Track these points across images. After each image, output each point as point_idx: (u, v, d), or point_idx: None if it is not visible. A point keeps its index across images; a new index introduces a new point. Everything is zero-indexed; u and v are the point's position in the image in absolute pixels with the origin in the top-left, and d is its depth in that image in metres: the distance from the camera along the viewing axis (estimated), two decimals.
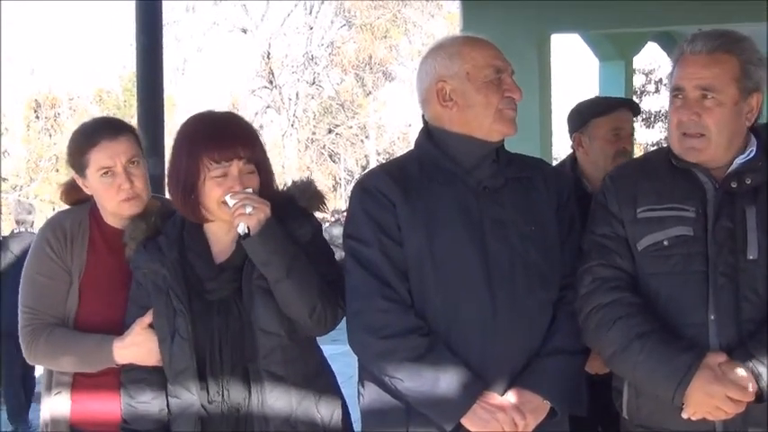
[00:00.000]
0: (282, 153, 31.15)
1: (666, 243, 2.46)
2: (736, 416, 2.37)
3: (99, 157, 2.82)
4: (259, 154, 2.67)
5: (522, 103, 2.65)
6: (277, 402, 2.60)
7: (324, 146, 34.07)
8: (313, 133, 33.87)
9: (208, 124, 2.67)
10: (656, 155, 2.66)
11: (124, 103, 28.27)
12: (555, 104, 8.50)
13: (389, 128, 35.00)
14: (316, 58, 32.79)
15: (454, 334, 2.51)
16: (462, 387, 2.45)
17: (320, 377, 2.73)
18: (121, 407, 2.73)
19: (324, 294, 2.59)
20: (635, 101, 4.06)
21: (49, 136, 28.48)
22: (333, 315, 2.62)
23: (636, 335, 2.42)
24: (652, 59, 27.04)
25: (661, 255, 2.47)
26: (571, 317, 2.56)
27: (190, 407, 2.61)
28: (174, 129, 2.74)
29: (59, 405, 2.86)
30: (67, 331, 2.82)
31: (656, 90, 28.12)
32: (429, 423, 2.48)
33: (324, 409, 2.68)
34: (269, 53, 32.37)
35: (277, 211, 2.61)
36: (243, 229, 2.56)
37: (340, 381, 2.81)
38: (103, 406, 2.79)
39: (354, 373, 2.68)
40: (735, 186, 2.47)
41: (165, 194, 3.24)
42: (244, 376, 2.60)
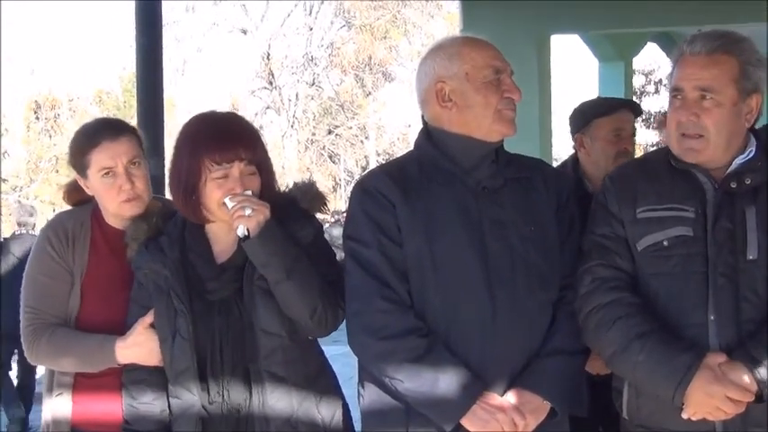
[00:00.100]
0: (282, 154, 31.14)
1: (666, 243, 2.46)
2: (736, 416, 2.38)
3: (100, 158, 2.82)
4: (261, 155, 2.67)
5: (522, 104, 2.65)
6: (278, 403, 2.59)
7: (323, 147, 34.06)
8: (313, 134, 33.86)
9: (210, 125, 2.67)
10: (655, 155, 2.66)
11: (124, 103, 28.25)
12: (555, 105, 8.51)
13: (389, 128, 35.01)
14: (315, 58, 32.80)
15: (454, 334, 2.51)
16: (462, 387, 2.45)
17: (321, 378, 2.73)
18: (123, 407, 2.73)
19: (325, 295, 2.59)
20: (636, 102, 4.06)
21: (49, 137, 28.45)
22: (334, 316, 2.62)
23: (636, 335, 2.42)
24: (652, 60, 27.07)
25: (661, 255, 2.47)
26: (571, 317, 2.56)
27: (191, 407, 2.61)
28: (174, 129, 2.74)
29: (61, 406, 2.86)
30: (69, 331, 2.83)
31: (656, 91, 28.11)
32: (429, 423, 2.48)
33: (325, 410, 2.68)
34: (269, 54, 32.37)
35: (278, 212, 2.61)
36: (242, 232, 2.56)
37: (340, 381, 2.80)
38: (105, 407, 2.80)
39: (354, 374, 2.67)
40: (734, 187, 2.47)
41: (165, 195, 3.25)
42: (245, 377, 2.60)
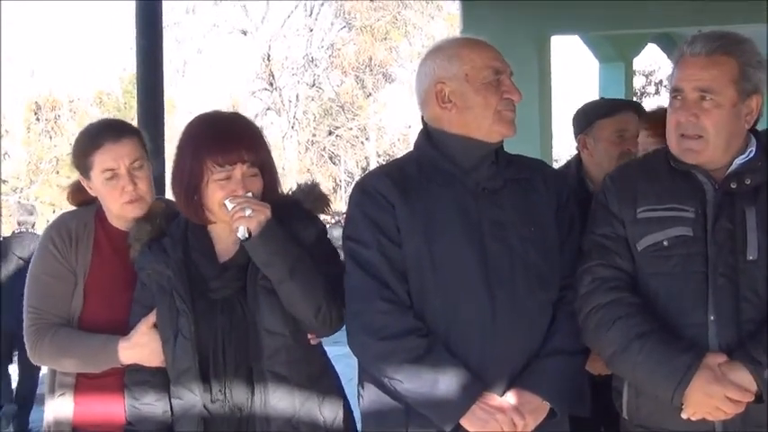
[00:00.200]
0: (283, 155, 31.10)
1: (666, 243, 2.46)
2: (736, 416, 2.38)
3: (102, 160, 2.83)
4: (263, 157, 2.67)
5: (522, 105, 2.65)
6: (280, 403, 2.59)
7: (324, 148, 34.03)
8: (313, 135, 33.83)
9: (212, 126, 2.67)
10: (655, 156, 2.66)
11: (124, 105, 28.23)
12: (555, 106, 8.51)
13: (390, 129, 34.98)
14: (316, 59, 32.77)
15: (453, 335, 2.51)
16: (461, 388, 2.45)
17: (324, 378, 2.73)
18: (125, 408, 2.73)
19: (329, 295, 2.59)
20: (640, 103, 4.05)
21: (50, 138, 28.42)
22: (338, 316, 2.62)
23: (635, 335, 2.42)
24: (652, 61, 27.07)
25: (661, 255, 2.47)
26: (571, 317, 2.56)
27: (192, 407, 2.61)
28: (175, 131, 2.74)
29: (62, 407, 2.87)
30: (72, 331, 2.83)
31: (657, 91, 28.12)
32: (428, 424, 2.48)
33: (327, 411, 2.68)
34: (269, 55, 32.34)
35: (281, 213, 2.61)
36: (243, 234, 2.57)
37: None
38: (106, 408, 2.80)
39: (355, 375, 2.67)
40: (734, 187, 2.47)
41: (166, 195, 3.26)
42: (247, 376, 2.60)
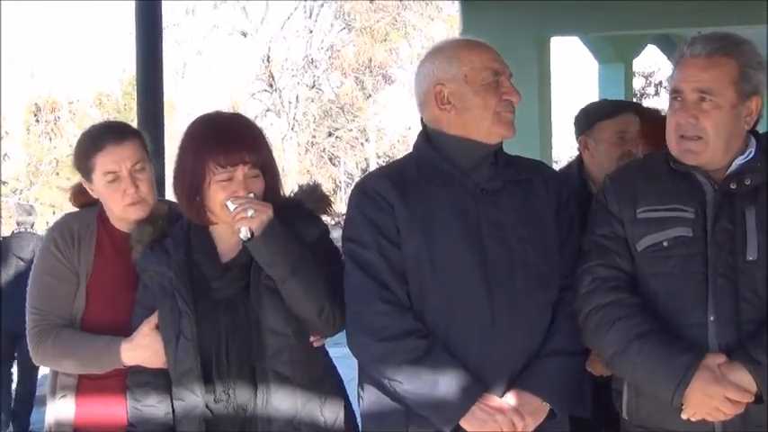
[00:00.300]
0: (282, 156, 31.08)
1: (666, 244, 2.46)
2: (736, 417, 2.38)
3: (104, 162, 2.83)
4: (265, 158, 2.67)
5: (522, 106, 2.65)
6: (282, 403, 2.59)
7: (324, 149, 34.01)
8: (313, 136, 33.82)
9: (214, 127, 2.67)
10: (655, 156, 2.66)
11: (124, 106, 28.22)
12: (554, 107, 8.51)
13: (389, 131, 34.95)
14: (315, 61, 32.75)
15: (453, 336, 2.51)
16: (461, 389, 2.45)
17: (326, 380, 2.73)
18: (127, 410, 2.73)
19: (332, 294, 2.59)
20: (641, 104, 4.05)
21: (49, 140, 28.40)
22: (342, 315, 2.62)
23: (635, 335, 2.42)
24: (652, 62, 27.06)
25: (660, 255, 2.47)
26: (570, 318, 2.56)
27: (194, 409, 2.61)
28: (174, 132, 2.74)
29: (64, 408, 2.86)
30: (75, 333, 2.83)
31: (656, 93, 28.11)
32: (428, 425, 2.49)
33: (328, 412, 2.68)
34: (269, 56, 32.32)
35: (283, 213, 2.61)
36: (245, 234, 2.57)
37: None
38: (108, 409, 2.80)
39: (355, 376, 2.68)
40: (734, 187, 2.47)
41: (166, 196, 3.26)
42: (251, 376, 2.60)
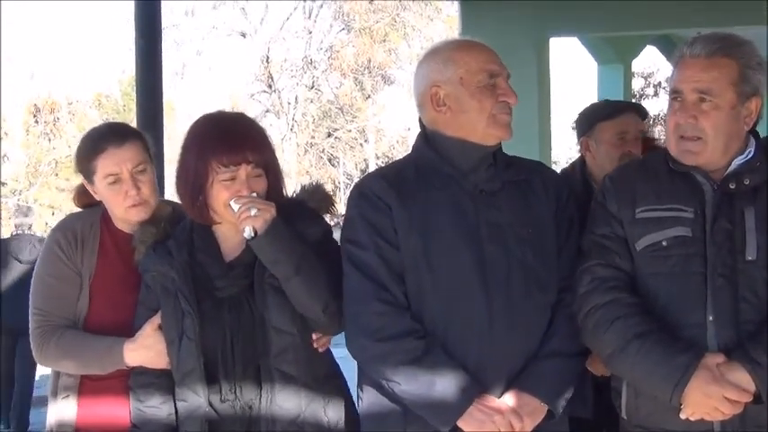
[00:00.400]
0: (281, 157, 31.02)
1: (665, 244, 2.46)
2: (734, 416, 2.38)
3: (105, 164, 2.83)
4: (268, 157, 2.67)
5: (521, 107, 2.65)
6: (286, 402, 2.60)
7: (323, 150, 34.00)
8: (312, 137, 33.80)
9: (217, 127, 2.68)
10: (654, 156, 2.67)
11: (123, 107, 28.21)
12: (554, 108, 8.51)
13: (388, 132, 34.93)
14: (315, 62, 32.73)
15: (451, 336, 2.51)
16: (459, 389, 2.45)
17: (330, 380, 2.73)
18: (130, 411, 2.73)
19: (336, 292, 2.59)
20: (642, 105, 4.06)
21: (49, 140, 28.39)
22: None
23: (634, 335, 2.42)
24: (651, 63, 27.00)
25: (660, 255, 2.47)
26: (569, 319, 2.56)
27: (197, 409, 2.61)
28: (174, 133, 2.74)
29: (66, 409, 2.86)
30: (78, 333, 2.83)
31: (656, 93, 28.08)
32: (426, 426, 2.49)
33: (332, 413, 2.68)
34: (268, 57, 32.31)
35: (286, 212, 2.62)
36: (249, 234, 2.57)
37: None
38: (110, 410, 2.80)
39: (355, 377, 2.68)
40: (733, 187, 2.47)
41: (165, 197, 3.26)
42: (256, 375, 2.61)
